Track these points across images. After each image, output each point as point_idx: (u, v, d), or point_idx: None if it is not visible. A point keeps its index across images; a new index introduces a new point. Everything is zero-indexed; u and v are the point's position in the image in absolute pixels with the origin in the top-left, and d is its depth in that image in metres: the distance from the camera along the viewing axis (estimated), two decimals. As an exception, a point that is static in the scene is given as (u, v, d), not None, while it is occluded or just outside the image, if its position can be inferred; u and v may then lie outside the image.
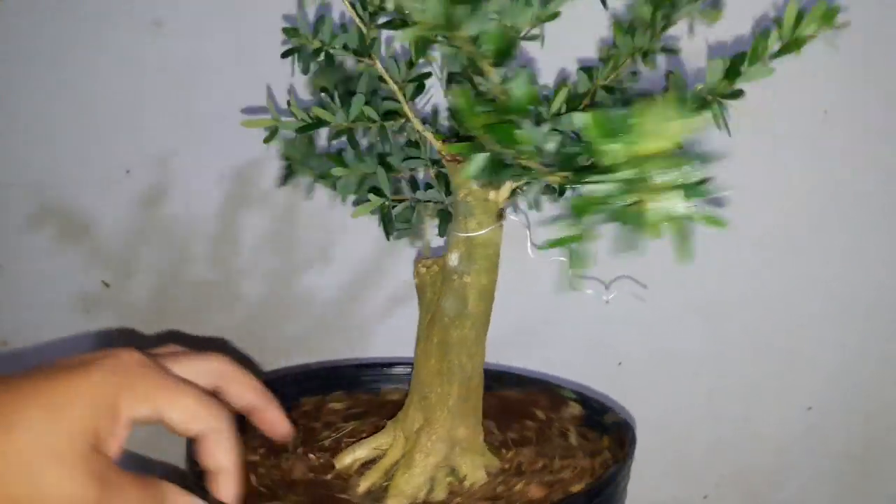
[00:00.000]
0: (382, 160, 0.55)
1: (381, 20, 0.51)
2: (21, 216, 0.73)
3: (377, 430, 0.57)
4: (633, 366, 0.73)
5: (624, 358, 0.74)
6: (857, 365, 0.72)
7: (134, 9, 0.69)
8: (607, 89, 0.53)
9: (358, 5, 0.52)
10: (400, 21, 0.45)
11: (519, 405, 0.63)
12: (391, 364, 0.66)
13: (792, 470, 0.74)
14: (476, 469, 0.52)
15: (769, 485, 0.74)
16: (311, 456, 0.55)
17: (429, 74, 0.55)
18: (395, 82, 0.53)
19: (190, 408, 0.41)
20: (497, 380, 0.67)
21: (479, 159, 0.37)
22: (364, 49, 0.52)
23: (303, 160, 0.57)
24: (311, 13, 0.62)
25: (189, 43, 0.69)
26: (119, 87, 0.70)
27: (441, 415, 0.53)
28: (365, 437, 0.56)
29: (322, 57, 0.54)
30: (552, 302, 0.73)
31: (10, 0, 0.69)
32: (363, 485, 0.52)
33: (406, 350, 0.60)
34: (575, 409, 0.62)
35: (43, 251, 0.74)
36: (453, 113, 0.55)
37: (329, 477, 0.53)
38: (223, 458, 0.43)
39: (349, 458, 0.55)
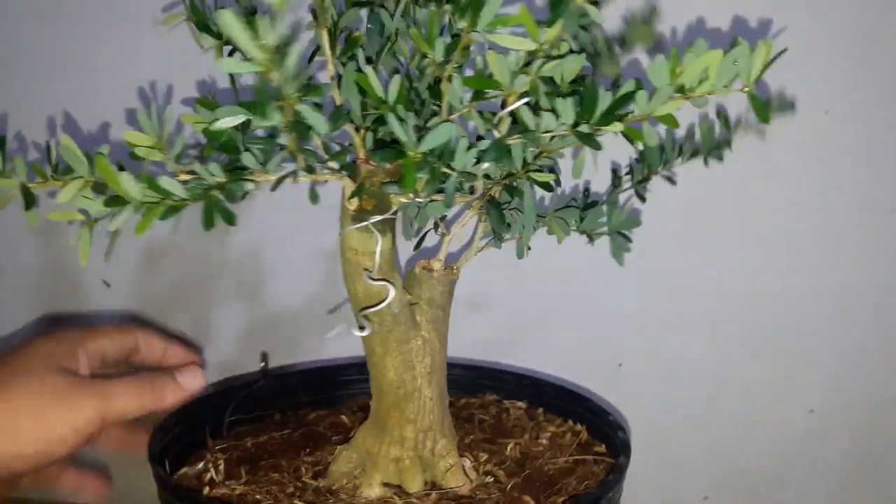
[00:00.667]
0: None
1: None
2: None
3: None
4: (634, 367, 0.73)
5: (624, 359, 0.73)
6: (859, 367, 0.71)
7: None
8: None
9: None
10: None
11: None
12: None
13: (792, 471, 0.74)
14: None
15: (770, 486, 0.74)
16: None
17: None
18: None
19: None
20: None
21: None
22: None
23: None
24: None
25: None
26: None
27: None
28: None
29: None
30: (551, 302, 0.73)
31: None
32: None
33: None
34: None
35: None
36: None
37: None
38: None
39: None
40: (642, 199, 0.58)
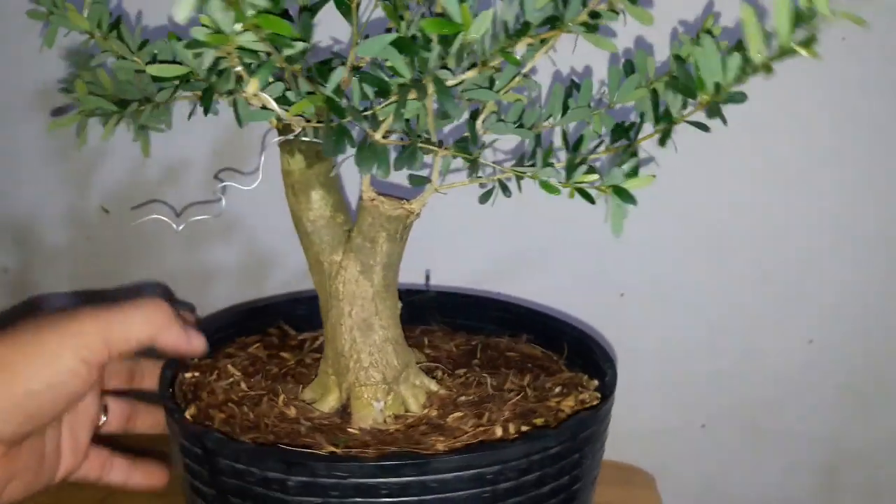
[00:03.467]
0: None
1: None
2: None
3: None
4: (635, 297, 0.73)
5: (625, 289, 0.73)
6: (859, 298, 0.71)
7: None
8: None
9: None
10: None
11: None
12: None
13: (791, 401, 0.75)
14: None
15: (768, 415, 0.75)
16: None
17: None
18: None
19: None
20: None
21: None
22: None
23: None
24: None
25: None
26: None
27: None
28: None
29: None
30: (551, 232, 0.72)
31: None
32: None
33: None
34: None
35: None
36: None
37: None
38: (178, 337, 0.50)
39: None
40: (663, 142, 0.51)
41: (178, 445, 0.49)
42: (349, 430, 0.51)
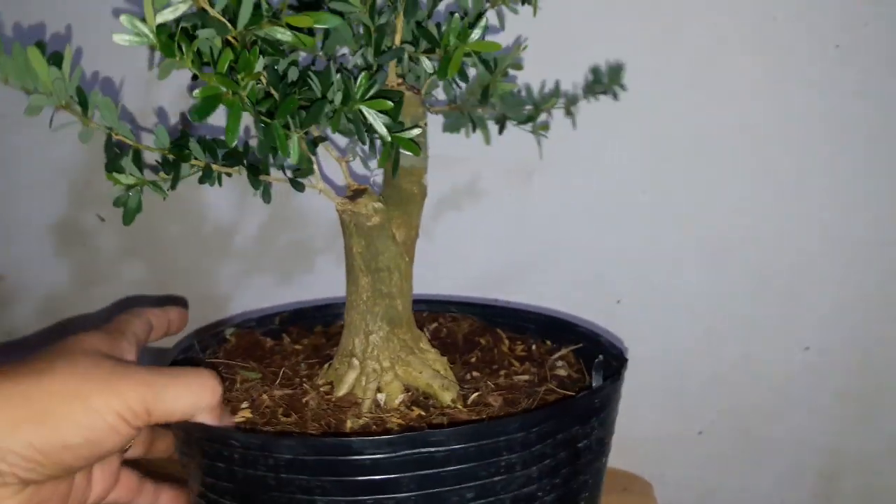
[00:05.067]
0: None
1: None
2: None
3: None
4: (632, 302, 0.74)
5: (623, 295, 0.74)
6: (855, 305, 0.71)
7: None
8: None
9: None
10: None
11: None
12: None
13: (788, 408, 0.75)
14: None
15: (764, 422, 0.75)
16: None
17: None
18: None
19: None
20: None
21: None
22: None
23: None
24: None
25: None
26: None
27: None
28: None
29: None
30: (549, 239, 0.73)
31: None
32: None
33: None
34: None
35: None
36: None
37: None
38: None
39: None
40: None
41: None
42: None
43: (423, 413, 0.51)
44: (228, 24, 0.40)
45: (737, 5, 0.65)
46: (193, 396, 0.47)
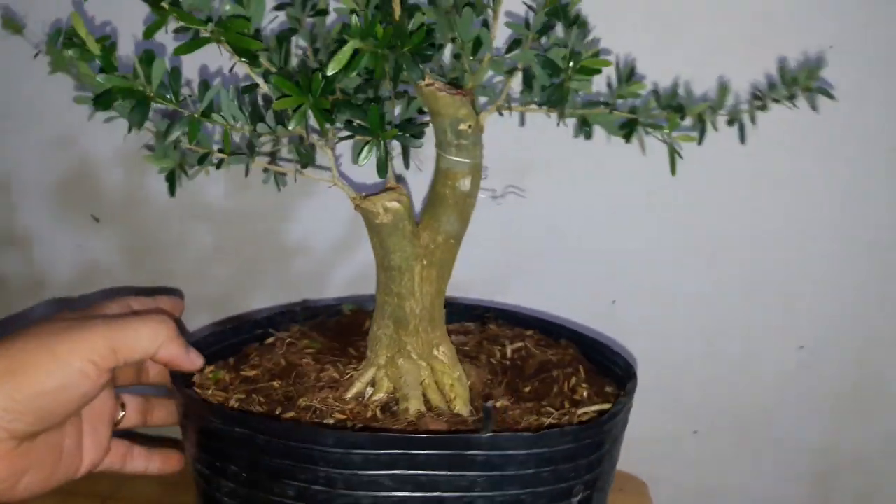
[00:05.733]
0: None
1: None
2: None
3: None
4: (627, 303, 0.73)
5: (617, 296, 0.73)
6: (851, 305, 0.71)
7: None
8: None
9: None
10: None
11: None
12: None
13: (783, 407, 0.75)
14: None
15: (760, 422, 0.75)
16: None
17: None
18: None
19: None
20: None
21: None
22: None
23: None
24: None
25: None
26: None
27: (445, 330, 0.57)
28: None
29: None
30: (543, 239, 0.72)
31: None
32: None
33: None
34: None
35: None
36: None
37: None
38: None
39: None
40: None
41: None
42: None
43: (379, 415, 0.53)
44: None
45: (733, 5, 0.65)
46: (150, 330, 0.52)
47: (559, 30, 0.53)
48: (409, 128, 0.49)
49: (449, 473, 0.46)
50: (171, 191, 0.53)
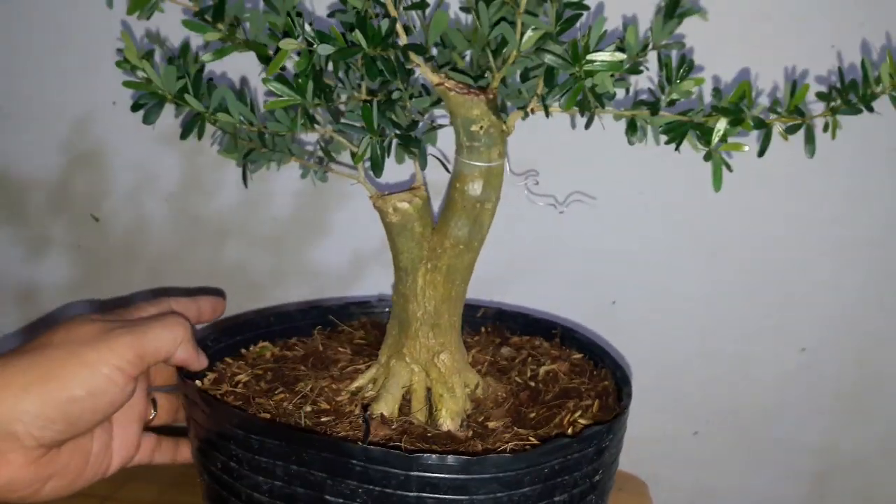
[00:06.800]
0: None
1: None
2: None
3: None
4: (627, 304, 0.73)
5: (617, 297, 0.73)
6: (851, 306, 0.72)
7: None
8: None
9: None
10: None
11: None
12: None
13: (783, 408, 0.75)
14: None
15: (760, 422, 0.75)
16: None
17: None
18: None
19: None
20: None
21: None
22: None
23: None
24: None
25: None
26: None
27: (455, 338, 0.56)
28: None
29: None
30: (543, 240, 0.72)
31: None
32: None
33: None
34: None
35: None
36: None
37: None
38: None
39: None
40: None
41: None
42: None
43: (356, 412, 0.53)
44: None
45: (732, 4, 0.65)
46: (171, 333, 0.53)
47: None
48: (408, 129, 0.48)
49: (331, 477, 0.46)
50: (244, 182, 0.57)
